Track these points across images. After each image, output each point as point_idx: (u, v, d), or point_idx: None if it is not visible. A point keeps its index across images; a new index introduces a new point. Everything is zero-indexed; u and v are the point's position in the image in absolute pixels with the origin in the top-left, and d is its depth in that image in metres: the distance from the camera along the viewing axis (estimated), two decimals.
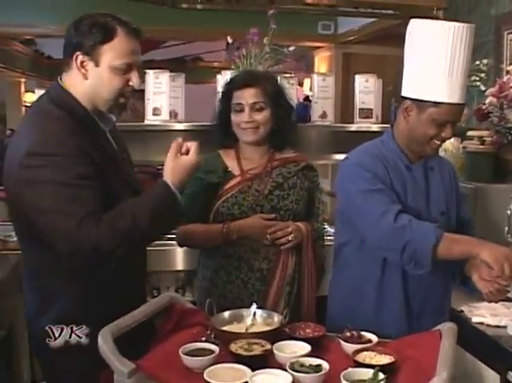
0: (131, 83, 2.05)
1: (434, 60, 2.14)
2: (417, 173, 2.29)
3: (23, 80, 11.18)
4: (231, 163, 2.60)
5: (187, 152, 2.05)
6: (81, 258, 1.92)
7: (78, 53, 1.98)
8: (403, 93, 2.23)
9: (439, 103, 2.13)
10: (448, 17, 4.63)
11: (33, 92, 5.26)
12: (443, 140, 2.22)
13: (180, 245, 2.75)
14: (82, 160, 1.94)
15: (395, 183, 2.23)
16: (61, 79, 2.07)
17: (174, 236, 2.63)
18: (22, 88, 11.27)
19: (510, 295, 2.39)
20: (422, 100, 2.16)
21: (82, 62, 1.99)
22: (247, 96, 2.53)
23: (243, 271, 2.52)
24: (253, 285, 2.51)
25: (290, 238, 2.48)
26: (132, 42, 2.02)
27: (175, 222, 2.13)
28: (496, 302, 2.19)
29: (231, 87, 2.59)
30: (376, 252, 2.21)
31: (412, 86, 2.20)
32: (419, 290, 2.24)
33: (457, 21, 2.23)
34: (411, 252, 2.06)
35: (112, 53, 1.98)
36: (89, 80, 2.01)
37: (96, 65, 1.99)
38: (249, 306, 2.07)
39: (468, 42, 2.13)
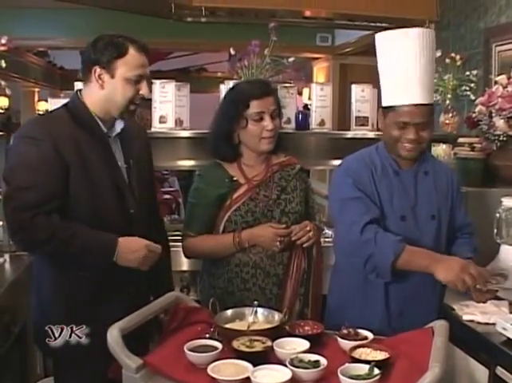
0: (141, 92, 2.20)
1: (389, 67, 2.24)
2: (406, 178, 2.29)
3: (37, 89, 11.19)
4: (234, 172, 2.53)
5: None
6: (17, 235, 2.07)
7: (96, 67, 2.15)
8: None
9: (395, 107, 2.19)
10: (439, 30, 4.63)
11: (46, 101, 5.28)
12: (412, 142, 2.20)
13: (188, 257, 2.67)
14: (52, 147, 2.07)
15: (380, 187, 2.25)
16: (80, 91, 2.24)
17: (179, 238, 2.63)
18: (36, 98, 11.27)
19: (498, 294, 2.39)
20: (383, 107, 2.24)
21: (100, 75, 2.14)
22: (268, 104, 2.47)
23: (260, 278, 2.46)
24: (270, 290, 2.46)
25: (311, 236, 2.47)
26: (142, 57, 2.18)
27: (96, 270, 2.14)
28: (484, 302, 2.19)
29: (249, 96, 2.46)
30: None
31: (382, 97, 2.28)
32: (401, 290, 2.23)
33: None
34: (372, 265, 2.13)
35: (126, 66, 2.14)
36: (105, 90, 2.16)
37: (112, 77, 2.15)
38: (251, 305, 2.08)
39: (421, 47, 2.18)
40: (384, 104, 2.26)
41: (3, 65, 3.12)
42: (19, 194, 2.04)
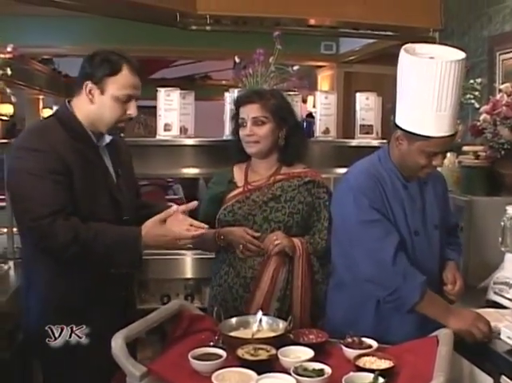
0: (128, 112, 2.23)
1: (423, 95, 2.07)
2: (413, 191, 2.25)
3: (41, 97, 11.19)
4: (239, 176, 2.64)
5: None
6: (41, 243, 2.09)
7: (88, 81, 2.19)
8: (396, 121, 2.18)
9: (427, 137, 2.10)
10: (443, 39, 4.65)
11: (51, 108, 5.30)
12: (435, 167, 2.22)
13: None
14: (56, 156, 2.10)
15: (393, 203, 2.20)
16: (69, 101, 2.26)
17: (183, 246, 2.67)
18: (41, 105, 11.27)
19: (503, 303, 2.38)
20: (411, 133, 2.12)
21: (90, 90, 2.18)
22: (249, 111, 2.56)
23: (230, 276, 2.55)
24: (236, 290, 2.53)
25: (276, 243, 2.45)
26: (134, 78, 2.22)
27: (127, 265, 2.21)
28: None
29: (237, 104, 2.64)
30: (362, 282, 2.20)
31: (403, 118, 2.15)
32: None
33: (449, 45, 2.22)
34: (395, 298, 2.10)
35: (116, 84, 2.18)
36: (95, 105, 2.20)
37: (102, 93, 2.18)
38: (255, 313, 2.08)
39: (457, 76, 2.06)
40: (413, 130, 2.11)
41: (9, 72, 3.13)
42: (33, 206, 2.06)
